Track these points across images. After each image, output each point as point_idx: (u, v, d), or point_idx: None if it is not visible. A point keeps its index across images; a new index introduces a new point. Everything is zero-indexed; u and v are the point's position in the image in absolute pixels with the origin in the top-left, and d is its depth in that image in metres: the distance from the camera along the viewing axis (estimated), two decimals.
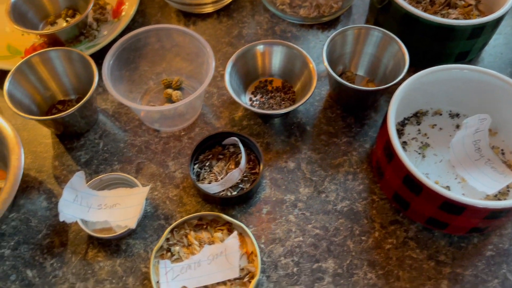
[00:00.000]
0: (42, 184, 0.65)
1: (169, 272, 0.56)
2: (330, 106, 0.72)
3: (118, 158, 0.67)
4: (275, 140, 0.68)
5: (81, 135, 0.69)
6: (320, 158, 0.66)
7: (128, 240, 0.60)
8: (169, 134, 0.69)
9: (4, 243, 0.60)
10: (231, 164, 0.65)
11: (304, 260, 0.58)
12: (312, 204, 0.63)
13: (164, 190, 0.64)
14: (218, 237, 0.59)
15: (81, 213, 0.60)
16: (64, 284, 0.57)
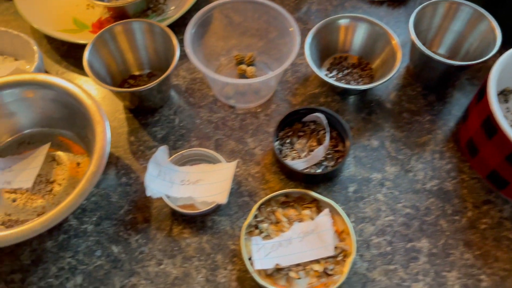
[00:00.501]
0: (119, 160, 0.63)
1: (261, 249, 0.55)
2: (409, 83, 0.69)
3: (196, 134, 0.65)
4: (355, 117, 0.66)
5: (155, 111, 0.67)
6: (404, 137, 0.64)
7: (213, 217, 0.59)
8: (245, 111, 0.67)
9: (86, 219, 0.59)
10: (313, 141, 0.63)
11: (397, 240, 0.57)
12: (400, 183, 0.61)
13: (245, 167, 0.62)
14: (307, 215, 0.58)
15: (165, 188, 0.58)
16: (152, 261, 0.56)
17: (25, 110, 0.62)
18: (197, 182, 0.60)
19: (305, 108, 0.63)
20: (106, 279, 0.55)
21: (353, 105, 0.67)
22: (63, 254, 0.56)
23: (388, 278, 0.54)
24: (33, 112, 0.62)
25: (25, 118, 0.63)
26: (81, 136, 0.63)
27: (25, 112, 0.62)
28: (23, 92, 0.60)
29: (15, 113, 0.62)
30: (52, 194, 0.60)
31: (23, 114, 0.63)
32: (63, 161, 0.63)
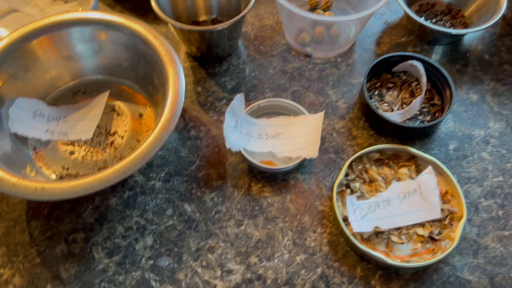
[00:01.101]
0: (186, 111, 0.57)
1: (357, 210, 0.48)
2: (507, 33, 0.62)
3: (269, 86, 0.58)
4: (449, 69, 0.59)
5: (223, 59, 0.60)
6: (507, 90, 0.57)
7: (296, 175, 0.52)
8: (324, 61, 0.60)
9: (153, 175, 0.52)
10: (405, 93, 0.56)
11: (509, 203, 0.49)
12: (508, 140, 0.53)
13: (328, 121, 0.55)
14: (405, 173, 0.51)
15: (243, 141, 0.51)
16: (230, 221, 0.49)
17: (90, 54, 0.55)
18: (277, 135, 0.53)
19: (397, 55, 0.55)
20: (179, 240, 0.48)
21: (445, 56, 0.60)
22: (130, 213, 0.50)
23: (503, 245, 0.47)
24: (97, 58, 0.56)
25: (89, 62, 0.56)
26: (144, 86, 0.56)
27: (88, 56, 0.56)
28: (93, 32, 0.53)
29: (78, 56, 0.55)
30: (114, 147, 0.54)
31: (88, 57, 0.56)
32: (123, 112, 0.56)
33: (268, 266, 0.47)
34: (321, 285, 0.45)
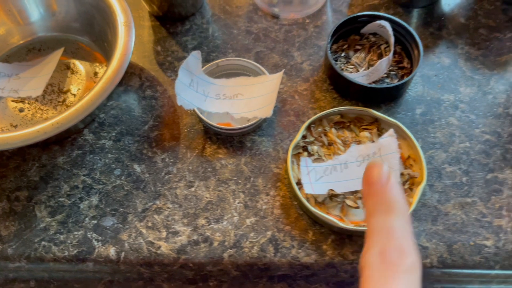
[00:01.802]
0: (143, 71, 0.54)
1: (312, 172, 0.45)
2: None
3: (233, 46, 0.56)
4: (422, 32, 0.56)
5: (186, 19, 0.58)
6: (481, 55, 0.54)
7: (253, 137, 0.49)
8: (291, 22, 0.57)
9: (104, 134, 0.50)
10: (373, 56, 0.53)
11: (475, 169, 0.47)
12: (477, 106, 0.51)
13: (291, 84, 0.53)
14: (366, 137, 0.48)
15: (197, 101, 0.49)
16: (181, 182, 0.47)
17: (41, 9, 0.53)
18: (235, 96, 0.50)
19: (365, 15, 0.52)
20: (126, 200, 0.46)
21: (419, 20, 0.57)
22: (77, 172, 0.48)
23: (464, 212, 0.45)
24: (50, 12, 0.53)
25: (39, 19, 0.54)
26: (100, 43, 0.54)
27: (40, 12, 0.53)
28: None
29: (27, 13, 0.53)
30: (65, 105, 0.52)
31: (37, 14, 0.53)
32: (78, 70, 0.54)
33: (216, 228, 0.44)
34: (270, 248, 0.43)
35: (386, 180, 0.27)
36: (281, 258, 0.43)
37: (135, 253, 0.44)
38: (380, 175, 0.27)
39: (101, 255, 0.44)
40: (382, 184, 0.27)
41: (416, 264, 0.25)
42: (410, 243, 0.26)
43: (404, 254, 0.25)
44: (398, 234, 0.26)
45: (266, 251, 0.43)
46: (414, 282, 0.24)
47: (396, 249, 0.25)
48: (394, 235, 0.26)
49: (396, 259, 0.25)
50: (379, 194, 0.27)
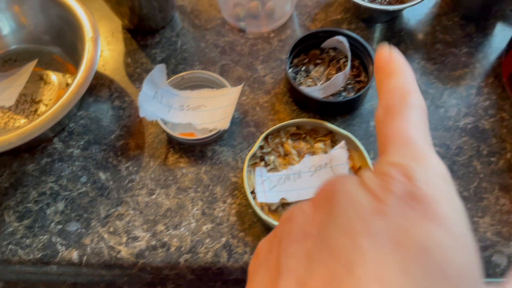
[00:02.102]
0: (113, 82, 0.57)
1: (266, 181, 0.48)
2: (445, 12, 0.61)
3: (199, 59, 0.58)
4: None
5: (156, 32, 0.60)
6: (436, 69, 0.56)
7: (214, 147, 0.52)
8: (257, 35, 0.60)
9: (73, 142, 0.53)
10: (332, 70, 0.55)
11: None
12: (429, 119, 0.53)
13: (253, 96, 0.55)
14: (320, 148, 0.50)
15: (161, 112, 0.51)
16: (142, 190, 0.49)
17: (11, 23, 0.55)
18: (198, 108, 0.53)
19: (324, 31, 0.55)
20: (90, 207, 0.49)
21: (380, 34, 0.59)
22: (45, 179, 0.50)
23: None
24: (20, 26, 0.56)
25: (11, 32, 0.56)
26: (72, 54, 0.56)
27: (11, 26, 0.56)
28: (7, 3, 0.53)
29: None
30: (37, 115, 0.54)
31: (9, 28, 0.56)
32: (51, 80, 0.56)
33: (174, 234, 0.47)
34: (224, 254, 0.46)
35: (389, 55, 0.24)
36: (234, 263, 0.45)
37: (96, 257, 0.46)
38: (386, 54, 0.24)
39: (64, 259, 0.46)
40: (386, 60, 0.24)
41: (422, 102, 0.23)
42: (415, 88, 0.23)
43: (409, 93, 0.22)
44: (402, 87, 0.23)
45: (220, 256, 0.46)
46: (422, 117, 0.22)
47: (400, 92, 0.23)
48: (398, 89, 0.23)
49: (401, 98, 0.22)
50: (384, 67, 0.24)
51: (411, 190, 0.18)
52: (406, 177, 0.19)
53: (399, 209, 0.18)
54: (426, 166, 0.19)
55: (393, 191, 0.18)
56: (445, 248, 0.17)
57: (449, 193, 0.19)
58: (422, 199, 0.18)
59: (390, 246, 0.17)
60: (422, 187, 0.18)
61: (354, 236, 0.17)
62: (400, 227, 0.17)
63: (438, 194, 0.18)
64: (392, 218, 0.17)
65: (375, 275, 0.16)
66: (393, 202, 0.18)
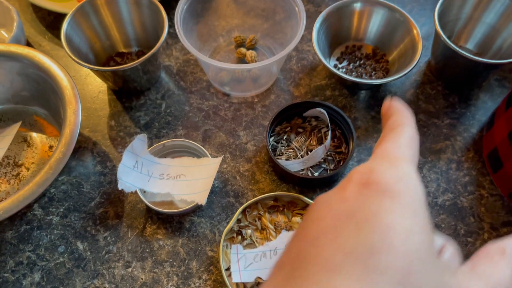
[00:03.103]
0: (96, 145, 0.57)
1: (241, 259, 0.48)
2: (429, 81, 0.61)
3: (183, 123, 0.58)
4: (363, 115, 0.58)
5: (141, 93, 0.61)
6: None
7: (192, 218, 0.52)
8: (241, 100, 0.60)
9: (52, 209, 0.53)
10: (313, 140, 0.56)
11: None
12: None
13: (234, 164, 0.55)
14: (297, 223, 0.51)
15: (141, 182, 0.52)
16: (119, 262, 0.50)
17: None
18: (178, 177, 0.53)
19: (305, 102, 0.55)
20: (66, 279, 0.49)
21: (363, 102, 0.60)
22: (23, 247, 0.51)
23: None
24: (2, 87, 0.56)
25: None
26: (56, 116, 0.57)
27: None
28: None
29: None
30: (18, 179, 0.54)
31: None
32: (35, 143, 0.57)
33: None
34: None
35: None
36: None
37: None
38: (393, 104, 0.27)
39: None
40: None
41: (413, 133, 0.25)
42: (409, 122, 0.25)
43: (401, 125, 0.25)
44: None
45: None
46: (410, 143, 0.24)
47: (394, 124, 0.25)
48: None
49: (393, 128, 0.25)
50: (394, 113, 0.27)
51: (370, 177, 0.21)
52: (369, 170, 0.21)
53: (357, 192, 0.20)
54: (394, 167, 0.21)
55: (353, 180, 0.21)
56: (395, 213, 0.19)
57: (411, 184, 0.21)
58: (379, 181, 0.20)
59: (347, 220, 0.19)
60: (380, 174, 0.21)
61: (321, 220, 0.20)
62: (357, 204, 0.20)
63: (395, 178, 0.21)
64: (350, 200, 0.20)
65: (334, 242, 0.19)
66: (352, 188, 0.21)
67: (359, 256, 0.18)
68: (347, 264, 0.18)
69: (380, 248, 0.18)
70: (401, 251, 0.18)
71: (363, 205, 0.20)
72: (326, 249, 0.19)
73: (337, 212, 0.20)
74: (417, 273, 0.18)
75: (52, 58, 0.53)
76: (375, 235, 0.18)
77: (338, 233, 0.19)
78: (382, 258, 0.18)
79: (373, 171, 0.21)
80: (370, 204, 0.20)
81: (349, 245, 0.18)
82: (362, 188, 0.21)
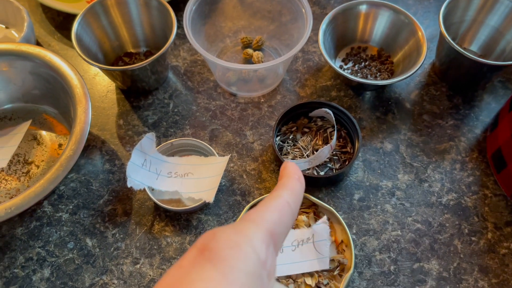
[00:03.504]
0: (104, 144, 0.58)
1: None
2: (433, 82, 0.62)
3: (190, 122, 0.59)
4: (369, 116, 0.59)
5: (149, 93, 0.62)
6: (422, 142, 0.57)
7: (200, 215, 0.53)
8: (247, 100, 0.61)
9: (62, 206, 0.54)
10: (318, 140, 0.56)
11: (403, 258, 0.50)
12: (413, 193, 0.54)
13: (240, 163, 0.56)
14: (303, 221, 0.51)
15: (149, 180, 0.52)
16: (127, 258, 0.50)
17: (4, 83, 0.57)
18: (185, 175, 0.54)
19: (311, 102, 0.56)
20: (75, 274, 0.50)
21: (368, 102, 0.60)
22: (33, 243, 0.51)
23: None
24: (13, 86, 0.57)
25: (5, 92, 0.58)
26: (66, 115, 0.58)
27: (4, 85, 0.57)
28: (8, 62, 0.55)
29: None
30: (28, 176, 0.55)
31: (2, 88, 0.58)
32: (44, 141, 0.58)
33: None
34: None
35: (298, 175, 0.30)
36: None
37: None
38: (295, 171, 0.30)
39: None
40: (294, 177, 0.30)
41: (284, 197, 0.27)
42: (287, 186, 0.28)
43: (278, 188, 0.28)
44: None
45: None
46: (275, 206, 0.26)
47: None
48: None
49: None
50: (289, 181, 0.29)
51: (208, 243, 0.22)
52: (212, 234, 0.23)
53: (192, 259, 0.22)
54: (237, 232, 0.23)
55: (195, 245, 0.23)
56: (210, 281, 0.21)
57: (243, 251, 0.22)
58: (212, 247, 0.22)
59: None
60: (217, 241, 0.22)
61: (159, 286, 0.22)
62: (185, 273, 0.21)
63: (229, 244, 0.22)
64: (183, 268, 0.22)
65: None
66: (191, 254, 0.22)
67: None
68: None
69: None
70: None
71: (189, 275, 0.21)
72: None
73: (171, 281, 0.21)
74: None
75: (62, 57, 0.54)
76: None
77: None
78: None
79: (214, 237, 0.23)
80: (195, 272, 0.21)
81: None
82: (198, 255, 0.22)
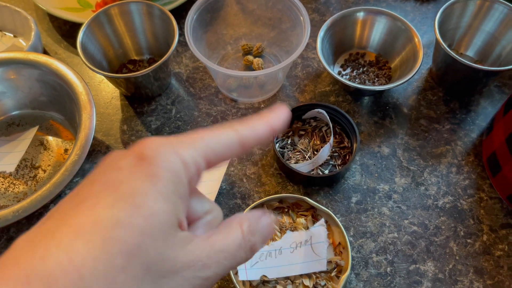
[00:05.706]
0: (109, 149, 0.60)
1: None
2: (430, 87, 0.63)
3: (192, 128, 0.61)
4: (366, 121, 0.60)
5: (152, 99, 0.63)
6: (419, 146, 0.58)
7: None
8: (248, 106, 0.62)
9: None
10: (316, 140, 0.58)
11: (399, 260, 0.51)
12: (409, 197, 0.55)
13: (241, 167, 0.58)
14: (301, 223, 0.52)
15: None
16: None
17: (12, 90, 0.59)
18: None
19: (302, 105, 0.57)
20: None
21: (366, 107, 0.62)
22: None
23: None
24: (21, 93, 0.59)
25: (13, 98, 0.60)
26: (71, 121, 0.60)
27: (12, 93, 0.59)
28: (5, 72, 0.57)
29: (3, 92, 0.59)
30: (35, 181, 0.57)
31: (10, 95, 0.59)
32: (51, 146, 0.60)
33: None
34: None
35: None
36: None
37: None
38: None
39: None
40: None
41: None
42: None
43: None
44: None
45: None
46: None
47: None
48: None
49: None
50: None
51: (149, 153, 0.23)
52: (154, 144, 0.23)
53: (132, 163, 0.22)
54: (176, 153, 0.23)
55: (136, 149, 0.23)
56: (148, 196, 0.21)
57: (175, 169, 0.23)
58: (152, 159, 0.22)
59: (111, 191, 0.21)
60: (158, 154, 0.23)
61: (94, 184, 0.22)
62: (125, 177, 0.22)
63: (167, 163, 0.22)
64: (123, 171, 0.22)
65: (91, 210, 0.21)
66: (131, 158, 0.23)
67: (104, 227, 0.20)
68: (91, 233, 0.20)
69: (123, 224, 0.20)
70: (138, 229, 0.20)
71: (128, 180, 0.22)
72: (82, 215, 0.21)
73: (108, 180, 0.22)
74: (145, 247, 0.20)
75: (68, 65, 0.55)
76: (124, 212, 0.21)
77: (98, 201, 0.21)
78: (120, 232, 0.20)
79: (157, 147, 0.23)
80: (135, 181, 0.22)
81: (101, 216, 0.20)
82: (138, 161, 0.22)
